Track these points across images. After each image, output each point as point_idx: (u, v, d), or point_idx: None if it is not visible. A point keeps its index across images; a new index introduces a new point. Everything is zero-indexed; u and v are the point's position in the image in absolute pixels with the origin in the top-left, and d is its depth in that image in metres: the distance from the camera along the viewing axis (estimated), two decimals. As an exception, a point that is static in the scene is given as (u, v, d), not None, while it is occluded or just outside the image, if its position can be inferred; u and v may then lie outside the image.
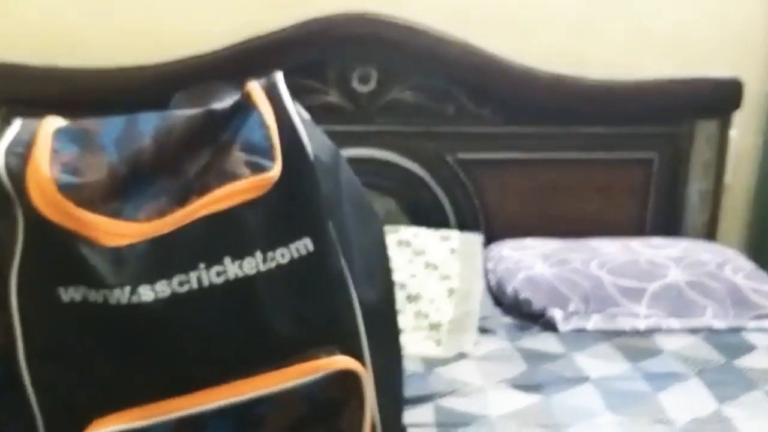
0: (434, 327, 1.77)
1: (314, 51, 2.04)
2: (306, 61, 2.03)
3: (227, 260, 0.88)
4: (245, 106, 0.97)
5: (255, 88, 0.99)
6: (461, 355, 1.68)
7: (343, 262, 0.95)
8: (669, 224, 2.25)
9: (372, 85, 2.09)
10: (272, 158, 0.93)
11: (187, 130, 0.93)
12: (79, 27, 2.01)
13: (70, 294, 0.86)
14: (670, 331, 1.78)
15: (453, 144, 2.13)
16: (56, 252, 0.86)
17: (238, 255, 0.88)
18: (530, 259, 1.96)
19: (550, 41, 2.13)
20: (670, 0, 2.16)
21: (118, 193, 0.90)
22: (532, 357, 1.66)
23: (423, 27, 2.04)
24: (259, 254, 0.89)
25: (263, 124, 0.95)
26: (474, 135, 2.13)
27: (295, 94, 2.15)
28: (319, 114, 2.09)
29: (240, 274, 0.88)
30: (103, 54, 1.98)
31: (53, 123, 0.95)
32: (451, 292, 1.86)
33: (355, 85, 2.08)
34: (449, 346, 1.72)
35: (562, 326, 1.80)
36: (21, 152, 0.89)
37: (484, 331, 1.79)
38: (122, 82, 1.97)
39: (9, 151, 0.89)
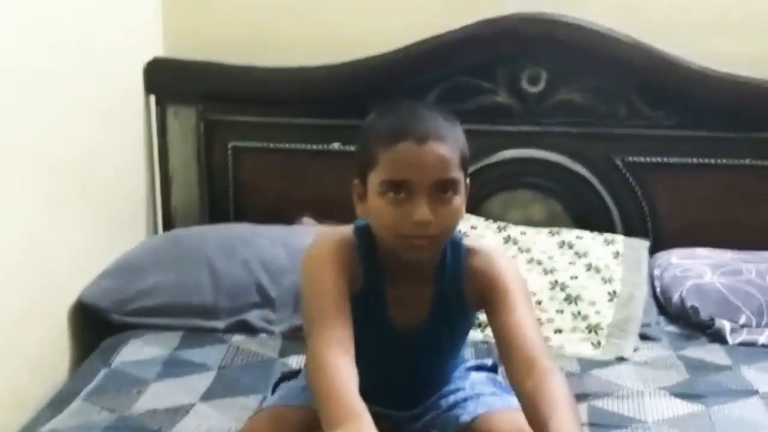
0: (593, 329, 1.76)
1: (485, 51, 2.06)
2: (477, 61, 2.07)
3: None
4: None
5: None
6: (620, 360, 1.66)
7: None
8: None
9: (541, 85, 2.09)
10: None
11: None
12: (271, 28, 2.14)
13: None
14: None
15: (623, 147, 2.08)
16: None
17: None
18: (700, 268, 1.89)
19: (729, 43, 2.03)
20: None
21: None
22: (696, 367, 1.61)
23: (594, 26, 2.01)
24: None
25: None
26: (646, 138, 2.07)
27: (465, 95, 2.17)
28: (488, 114, 2.16)
29: None
30: (293, 53, 2.10)
31: None
32: (612, 295, 1.84)
33: (525, 85, 2.09)
34: (608, 350, 1.70)
35: (731, 338, 1.73)
36: None
37: (645, 337, 1.76)
38: (310, 80, 2.09)
39: None
